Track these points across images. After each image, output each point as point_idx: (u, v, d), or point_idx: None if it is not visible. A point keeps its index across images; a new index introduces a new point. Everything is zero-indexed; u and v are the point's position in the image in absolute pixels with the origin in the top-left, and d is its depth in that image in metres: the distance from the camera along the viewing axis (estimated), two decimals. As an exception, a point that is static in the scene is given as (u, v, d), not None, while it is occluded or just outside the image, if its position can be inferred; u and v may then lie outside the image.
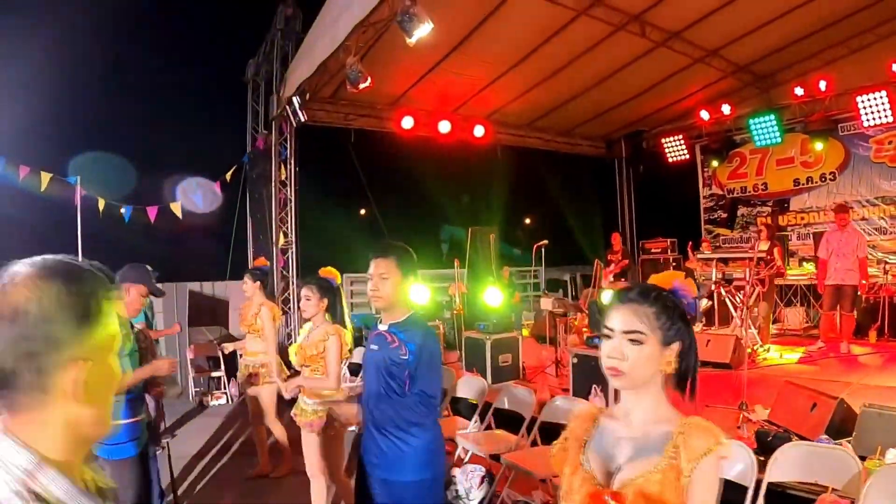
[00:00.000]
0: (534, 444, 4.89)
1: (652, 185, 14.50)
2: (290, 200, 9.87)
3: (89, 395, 0.95)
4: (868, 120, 9.52)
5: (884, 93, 9.11)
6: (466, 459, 5.35)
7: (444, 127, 11.74)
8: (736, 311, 8.47)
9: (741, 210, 12.73)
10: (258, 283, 5.58)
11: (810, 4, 8.86)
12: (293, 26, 9.41)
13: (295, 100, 8.72)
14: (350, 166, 10.38)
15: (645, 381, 1.59)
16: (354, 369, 7.15)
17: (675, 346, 1.59)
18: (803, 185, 11.54)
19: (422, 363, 2.76)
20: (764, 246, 8.90)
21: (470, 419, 5.57)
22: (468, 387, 5.91)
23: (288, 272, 10.08)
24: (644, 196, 14.92)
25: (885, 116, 9.27)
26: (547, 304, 7.69)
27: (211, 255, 10.93)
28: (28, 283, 0.91)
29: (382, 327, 2.93)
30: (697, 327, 10.46)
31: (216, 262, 10.29)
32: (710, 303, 10.58)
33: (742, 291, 8.65)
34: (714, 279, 8.69)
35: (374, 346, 2.94)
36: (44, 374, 0.90)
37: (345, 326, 4.24)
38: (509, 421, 5.27)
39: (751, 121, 11.32)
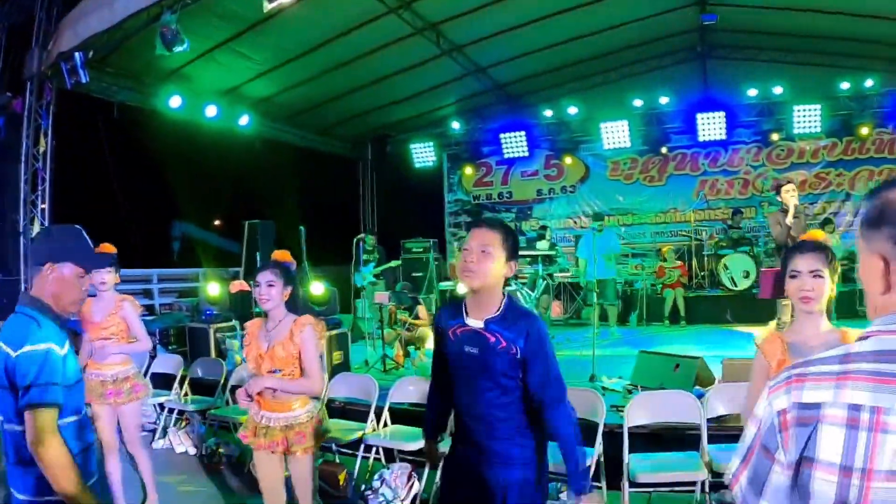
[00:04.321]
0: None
1: (398, 187, 15.07)
2: (45, 179, 8.09)
3: None
4: (608, 144, 11.37)
5: (626, 122, 11.02)
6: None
7: (211, 111, 10.73)
8: (526, 304, 9.38)
9: (486, 215, 14.01)
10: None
11: (572, 42, 10.39)
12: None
13: (77, 56, 7.21)
14: (109, 145, 8.86)
15: (823, 305, 2.26)
16: None
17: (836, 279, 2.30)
18: (546, 195, 13.26)
19: (534, 351, 2.37)
20: (544, 245, 10.05)
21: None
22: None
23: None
24: (389, 198, 15.40)
25: (624, 142, 11.19)
26: (382, 298, 7.55)
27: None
28: None
29: (475, 323, 2.38)
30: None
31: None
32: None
33: (528, 286, 9.67)
34: (506, 275, 9.48)
35: (469, 349, 2.41)
36: None
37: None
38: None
39: (501, 135, 12.61)
